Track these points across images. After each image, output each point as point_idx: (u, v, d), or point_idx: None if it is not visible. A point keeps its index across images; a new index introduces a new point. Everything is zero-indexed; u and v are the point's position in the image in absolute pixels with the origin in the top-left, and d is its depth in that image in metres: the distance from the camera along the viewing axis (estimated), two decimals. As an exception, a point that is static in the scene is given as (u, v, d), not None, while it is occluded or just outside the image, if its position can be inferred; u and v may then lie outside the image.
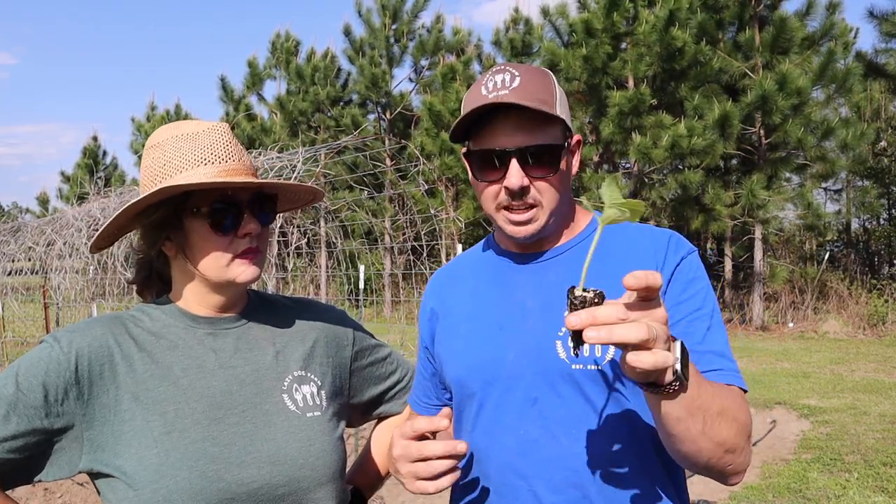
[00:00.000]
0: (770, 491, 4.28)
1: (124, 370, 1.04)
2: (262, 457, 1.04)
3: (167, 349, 1.08)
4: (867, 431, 5.45)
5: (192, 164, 1.05)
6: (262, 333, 1.17)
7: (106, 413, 1.02)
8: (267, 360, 1.13)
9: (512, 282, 1.17)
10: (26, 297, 13.20)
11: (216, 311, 1.14)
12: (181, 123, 1.10)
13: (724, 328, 1.08)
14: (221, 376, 1.08)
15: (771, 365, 8.55)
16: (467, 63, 14.89)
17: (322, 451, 1.10)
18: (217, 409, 1.05)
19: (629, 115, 11.35)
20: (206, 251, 1.07)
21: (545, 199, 1.09)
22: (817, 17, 11.29)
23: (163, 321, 1.11)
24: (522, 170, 1.06)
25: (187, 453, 1.00)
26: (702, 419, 0.88)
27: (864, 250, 14.88)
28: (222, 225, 1.07)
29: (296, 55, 17.83)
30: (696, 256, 1.12)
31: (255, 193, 1.10)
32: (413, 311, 12.04)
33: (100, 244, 1.15)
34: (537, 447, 1.07)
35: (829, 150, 11.45)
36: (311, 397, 1.15)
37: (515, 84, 1.06)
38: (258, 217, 1.10)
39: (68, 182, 25.58)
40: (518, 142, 1.06)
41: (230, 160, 1.08)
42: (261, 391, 1.10)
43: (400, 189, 12.85)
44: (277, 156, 6.83)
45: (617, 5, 11.51)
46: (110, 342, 1.05)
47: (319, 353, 1.21)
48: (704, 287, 1.09)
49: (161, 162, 1.07)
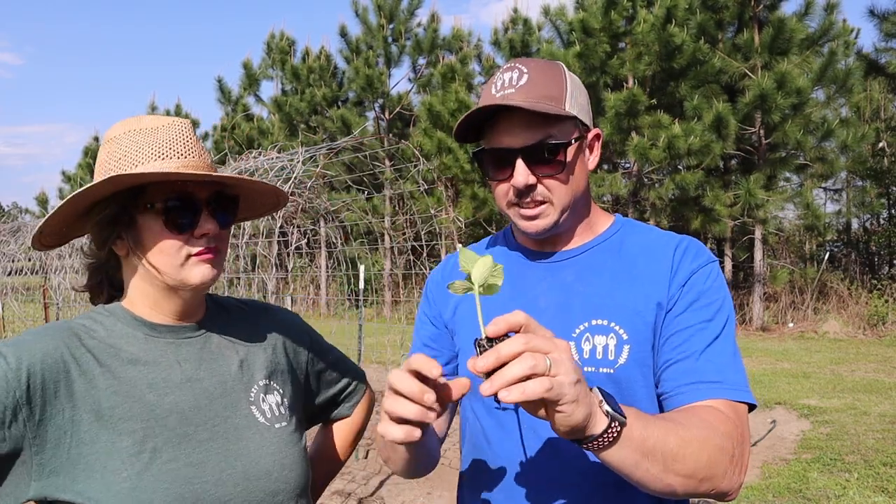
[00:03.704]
0: (770, 491, 4.28)
1: (83, 387, 0.94)
2: (237, 473, 1.00)
3: (129, 362, 1.00)
4: (867, 431, 5.45)
5: (149, 159, 0.99)
6: (224, 341, 1.11)
7: (61, 435, 0.92)
8: (232, 370, 1.08)
9: (526, 278, 1.16)
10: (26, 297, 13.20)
11: (175, 319, 1.07)
12: (141, 118, 1.04)
13: (733, 344, 1.04)
14: (189, 390, 1.02)
15: (771, 365, 8.55)
16: (463, 61, 14.86)
17: (294, 462, 1.08)
18: (187, 425, 0.99)
19: (627, 116, 11.35)
20: (160, 250, 1.00)
21: (555, 196, 1.09)
22: (816, 18, 11.29)
23: (119, 331, 1.03)
24: (529, 168, 1.06)
25: (161, 475, 0.94)
26: (660, 457, 0.84)
27: (864, 250, 14.88)
28: (178, 223, 1.00)
29: (291, 55, 17.82)
30: (714, 267, 1.09)
31: (214, 192, 1.04)
32: (413, 311, 12.03)
33: (44, 240, 1.05)
34: (543, 448, 1.07)
35: (829, 150, 11.45)
36: (277, 407, 1.11)
37: (523, 82, 1.06)
38: (217, 217, 1.03)
39: (69, 182, 25.59)
40: (523, 140, 1.06)
41: (189, 156, 1.02)
42: (229, 404, 1.05)
43: (399, 189, 12.86)
44: (277, 156, 6.83)
45: (615, 4, 11.50)
46: (65, 356, 0.95)
47: (281, 360, 1.17)
48: (719, 300, 1.05)
49: (116, 156, 1.00)
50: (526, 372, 0.71)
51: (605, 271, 1.11)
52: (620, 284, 1.08)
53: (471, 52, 15.59)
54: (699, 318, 1.03)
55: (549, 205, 1.09)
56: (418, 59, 16.36)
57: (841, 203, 14.94)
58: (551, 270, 1.15)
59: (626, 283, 1.09)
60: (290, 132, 17.16)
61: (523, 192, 1.08)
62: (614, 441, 0.80)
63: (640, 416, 0.84)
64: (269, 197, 1.14)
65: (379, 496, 4.37)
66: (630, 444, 0.81)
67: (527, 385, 0.71)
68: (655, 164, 11.34)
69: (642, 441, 0.82)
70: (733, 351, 1.02)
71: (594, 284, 1.10)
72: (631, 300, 1.07)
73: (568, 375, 0.73)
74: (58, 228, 1.04)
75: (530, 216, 1.09)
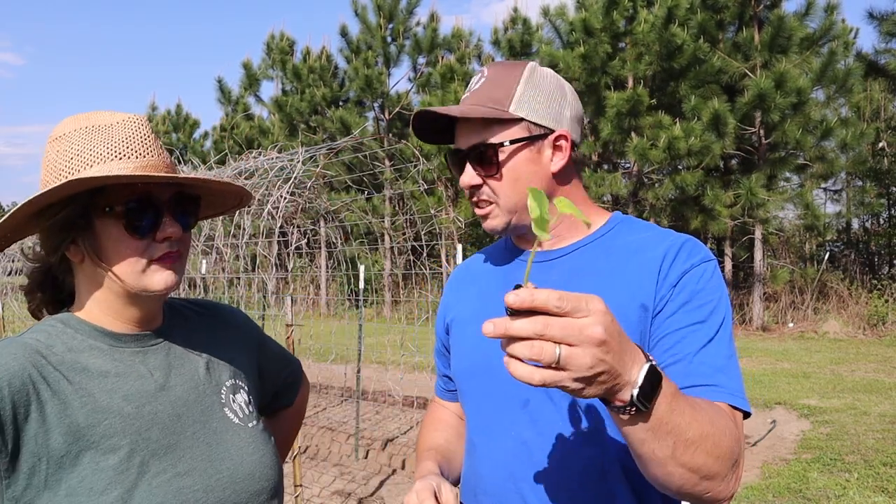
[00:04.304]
0: (770, 491, 4.28)
1: (55, 408, 0.88)
2: (224, 478, 0.99)
3: (99, 376, 0.94)
4: (867, 431, 5.45)
5: (105, 159, 0.93)
6: (187, 346, 1.08)
7: (35, 462, 0.86)
8: (201, 373, 1.06)
9: (518, 278, 1.17)
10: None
11: (137, 326, 1.02)
12: (92, 114, 0.98)
13: (730, 346, 1.01)
14: (165, 399, 0.99)
15: (771, 365, 8.55)
16: (462, 60, 14.86)
17: (271, 460, 1.08)
18: (170, 434, 0.96)
19: (627, 116, 11.35)
20: (120, 255, 0.95)
21: (500, 197, 1.12)
22: (816, 18, 11.30)
23: (79, 343, 0.96)
24: (474, 169, 1.12)
25: (152, 489, 0.91)
26: (671, 444, 0.81)
27: (864, 250, 14.88)
28: (139, 227, 0.94)
29: (291, 55, 17.82)
30: (709, 267, 1.05)
31: (176, 193, 0.99)
32: (413, 311, 12.04)
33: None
34: (528, 450, 1.06)
35: (829, 150, 11.45)
36: (246, 406, 1.11)
37: (478, 86, 1.13)
38: (179, 219, 0.99)
39: (68, 182, 25.56)
40: (466, 143, 1.12)
41: (148, 156, 0.96)
42: (205, 409, 1.03)
43: (399, 189, 12.85)
44: (277, 156, 6.83)
45: (616, 4, 11.51)
46: (33, 376, 0.88)
47: (241, 358, 1.17)
48: (714, 300, 1.02)
49: (68, 155, 0.94)
50: (527, 357, 0.69)
51: (590, 272, 1.09)
52: (604, 285, 1.06)
53: (470, 52, 15.59)
54: (691, 320, 1.00)
55: (495, 206, 1.13)
56: (418, 58, 16.35)
57: (841, 203, 14.93)
58: (542, 270, 1.15)
59: (610, 283, 1.06)
60: (291, 132, 17.15)
61: (471, 193, 1.14)
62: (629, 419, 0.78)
63: (672, 399, 0.80)
64: (231, 196, 1.11)
65: (379, 496, 4.37)
66: (643, 424, 0.79)
67: (521, 371, 0.70)
68: (655, 164, 11.34)
69: (659, 425, 0.79)
70: (729, 354, 0.99)
71: (578, 285, 1.08)
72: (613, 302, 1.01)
73: (577, 371, 0.70)
74: (4, 232, 0.96)
75: (481, 216, 1.15)
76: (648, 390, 0.76)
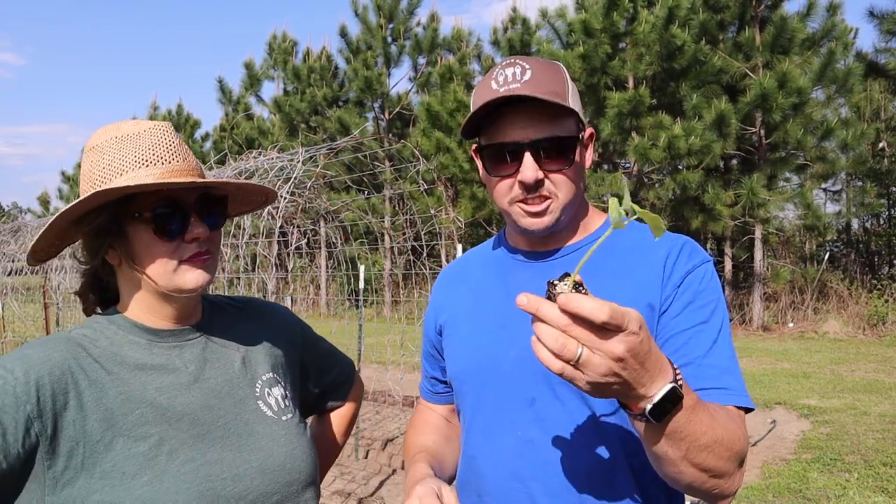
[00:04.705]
0: (770, 491, 4.28)
1: (92, 397, 0.95)
2: (252, 468, 1.03)
3: (136, 369, 1.01)
4: (867, 431, 5.45)
5: (133, 166, 0.99)
6: (224, 341, 1.13)
7: (73, 446, 0.92)
8: (236, 367, 1.11)
9: (517, 280, 1.16)
10: (26, 297, 13.21)
11: (174, 323, 1.08)
12: (121, 124, 1.04)
13: (731, 345, 1.04)
14: (197, 391, 1.04)
15: (771, 365, 8.54)
16: (462, 60, 14.85)
17: (304, 452, 1.10)
18: (200, 425, 1.01)
19: (628, 116, 11.34)
20: (152, 258, 1.01)
21: (560, 192, 1.09)
22: (818, 18, 11.28)
23: (121, 338, 1.03)
24: (536, 163, 1.06)
25: (180, 475, 0.95)
26: (685, 448, 0.84)
27: (864, 250, 14.88)
28: (167, 230, 1.00)
29: (293, 55, 17.83)
30: (708, 267, 1.08)
31: (202, 195, 1.04)
32: (413, 311, 12.03)
33: (38, 256, 1.06)
34: (534, 449, 1.06)
35: (829, 150, 11.44)
36: (282, 399, 1.14)
37: (527, 77, 1.05)
38: (206, 220, 1.04)
39: (69, 182, 25.59)
40: (531, 135, 1.05)
41: (173, 161, 1.02)
42: (238, 401, 1.08)
43: (398, 189, 12.85)
44: (277, 156, 6.83)
45: (616, 5, 11.50)
46: (73, 367, 0.95)
47: (279, 354, 1.20)
48: (714, 300, 1.05)
49: (100, 165, 1.00)
50: (550, 347, 0.72)
51: (599, 272, 1.09)
52: (615, 285, 1.06)
53: (470, 52, 15.57)
54: (696, 320, 1.03)
55: (553, 200, 1.09)
56: (418, 58, 16.35)
57: (841, 203, 14.92)
58: (544, 270, 1.14)
59: (621, 283, 1.07)
60: (291, 132, 17.16)
61: (531, 188, 1.07)
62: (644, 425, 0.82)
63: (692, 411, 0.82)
64: (257, 194, 1.16)
65: (379, 496, 4.37)
66: (658, 431, 0.82)
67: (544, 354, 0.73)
68: (656, 164, 11.34)
69: (674, 432, 0.82)
70: (731, 354, 1.02)
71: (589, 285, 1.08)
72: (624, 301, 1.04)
73: (591, 376, 0.73)
74: (49, 242, 1.04)
75: (535, 212, 1.09)
76: (664, 408, 0.78)
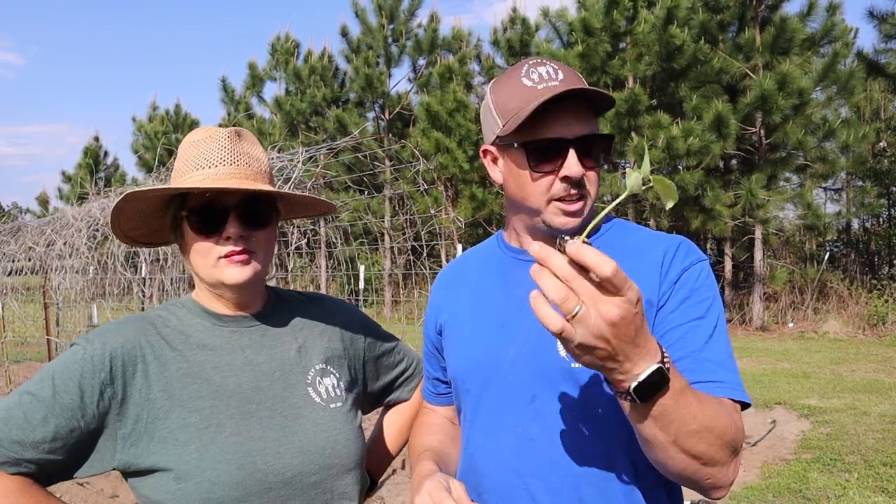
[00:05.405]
0: (770, 491, 4.28)
1: (157, 369, 1.08)
2: (293, 448, 1.10)
3: (197, 348, 1.13)
4: (867, 431, 5.45)
5: (191, 169, 1.12)
6: (284, 330, 1.22)
7: (139, 412, 1.06)
8: (290, 355, 1.19)
9: (516, 279, 1.16)
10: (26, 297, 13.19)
11: (236, 310, 1.19)
12: (198, 130, 1.17)
13: (727, 341, 1.05)
14: (250, 373, 1.14)
15: (771, 365, 8.54)
16: (462, 61, 14.84)
17: (347, 439, 1.16)
18: (248, 403, 1.11)
19: (628, 116, 11.35)
20: (195, 252, 1.13)
21: (592, 191, 1.10)
22: (818, 19, 11.28)
23: (189, 320, 1.16)
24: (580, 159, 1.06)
25: (225, 447, 1.05)
26: (673, 431, 0.85)
27: (865, 250, 14.88)
28: (203, 227, 1.11)
29: (295, 56, 17.83)
30: (705, 266, 1.10)
31: (247, 197, 1.12)
32: (413, 310, 12.03)
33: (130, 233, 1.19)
34: (534, 446, 1.07)
35: (830, 150, 11.44)
36: (333, 389, 1.21)
37: (561, 76, 1.07)
38: (244, 220, 1.12)
39: (69, 182, 25.57)
40: (576, 131, 1.05)
41: (221, 165, 1.11)
42: (287, 385, 1.16)
43: (398, 189, 12.85)
44: (278, 156, 6.82)
45: (616, 4, 11.50)
46: (142, 342, 1.09)
47: (337, 346, 1.27)
48: (710, 297, 1.06)
49: (178, 164, 1.15)
50: (552, 296, 0.73)
51: None
52: None
53: (470, 52, 15.58)
54: (692, 316, 1.04)
55: (587, 199, 1.09)
56: (418, 59, 16.34)
57: (841, 203, 14.93)
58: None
59: None
60: (291, 132, 17.16)
61: (576, 184, 1.07)
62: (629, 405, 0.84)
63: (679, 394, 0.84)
64: (315, 204, 1.25)
65: (379, 496, 4.36)
66: (644, 411, 0.84)
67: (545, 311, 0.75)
68: (655, 164, 11.33)
69: (662, 414, 0.83)
70: (727, 350, 1.03)
71: None
72: None
73: (582, 335, 0.75)
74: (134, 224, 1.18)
75: (573, 211, 1.08)
76: (648, 389, 0.80)
